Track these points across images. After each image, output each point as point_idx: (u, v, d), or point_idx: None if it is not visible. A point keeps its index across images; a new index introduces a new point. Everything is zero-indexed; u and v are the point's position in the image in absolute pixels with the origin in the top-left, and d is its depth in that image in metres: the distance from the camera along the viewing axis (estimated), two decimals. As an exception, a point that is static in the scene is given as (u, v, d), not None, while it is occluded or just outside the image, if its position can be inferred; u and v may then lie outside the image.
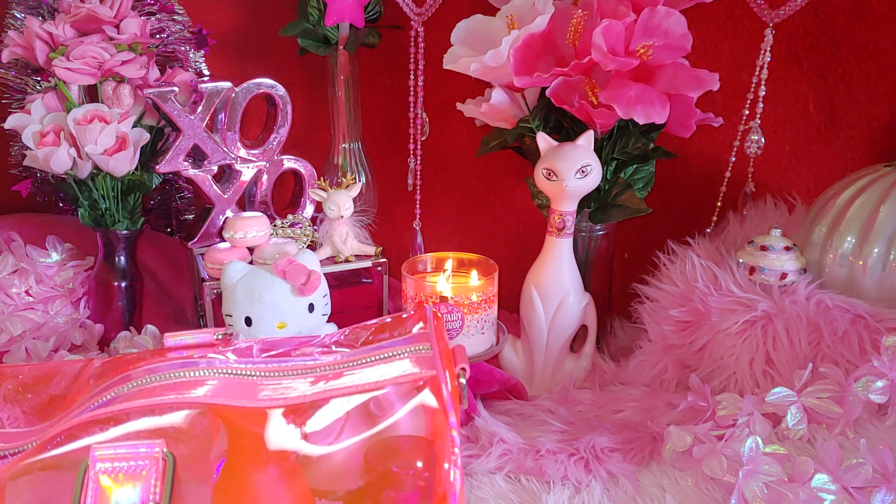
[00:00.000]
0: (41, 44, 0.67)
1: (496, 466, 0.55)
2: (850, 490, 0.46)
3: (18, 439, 0.42)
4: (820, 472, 0.47)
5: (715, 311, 0.62)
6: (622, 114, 0.61)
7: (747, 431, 0.52)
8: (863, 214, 0.61)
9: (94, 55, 0.66)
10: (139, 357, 0.47)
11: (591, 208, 0.71)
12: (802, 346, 0.58)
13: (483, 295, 0.63)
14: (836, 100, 0.73)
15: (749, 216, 0.73)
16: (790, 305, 0.59)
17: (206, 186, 0.73)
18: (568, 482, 0.54)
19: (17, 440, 0.42)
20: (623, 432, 0.58)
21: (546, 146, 0.65)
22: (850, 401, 0.52)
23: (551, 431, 0.60)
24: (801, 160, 0.76)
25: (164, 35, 0.81)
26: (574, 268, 0.69)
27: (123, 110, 0.68)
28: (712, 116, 0.68)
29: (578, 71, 0.64)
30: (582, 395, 0.67)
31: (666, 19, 0.61)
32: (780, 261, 0.62)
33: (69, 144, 0.66)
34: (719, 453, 0.51)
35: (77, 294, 0.76)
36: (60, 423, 0.41)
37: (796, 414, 0.53)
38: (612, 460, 0.55)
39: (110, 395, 0.42)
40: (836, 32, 0.71)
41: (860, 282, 0.61)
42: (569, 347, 0.71)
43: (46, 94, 0.68)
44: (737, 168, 0.75)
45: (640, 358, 0.68)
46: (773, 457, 0.49)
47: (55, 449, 0.39)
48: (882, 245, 0.60)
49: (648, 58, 0.62)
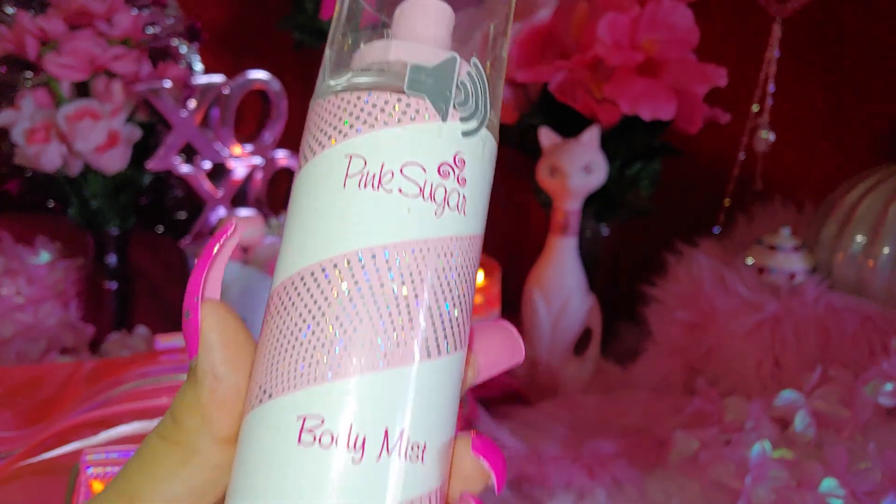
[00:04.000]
0: (32, 38, 0.66)
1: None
2: (858, 495, 0.45)
3: (8, 443, 0.42)
4: (828, 477, 0.46)
5: (722, 312, 0.61)
6: (627, 109, 0.60)
7: (755, 436, 0.51)
8: (872, 213, 0.60)
9: (85, 50, 0.65)
10: (131, 360, 0.47)
11: (595, 207, 0.70)
12: (811, 348, 0.58)
13: (484, 296, 0.62)
14: (845, 96, 0.72)
15: (757, 215, 0.72)
16: (798, 307, 0.59)
17: (198, 184, 0.72)
18: (571, 488, 0.53)
19: (6, 444, 0.42)
20: (628, 437, 0.57)
21: (549, 142, 0.64)
22: (859, 404, 0.51)
23: (554, 437, 0.59)
24: (809, 158, 0.75)
25: (156, 29, 0.80)
26: (578, 268, 0.68)
27: (115, 106, 0.67)
28: (719, 112, 0.67)
29: (582, 65, 0.62)
30: (586, 399, 0.66)
31: (672, 13, 0.60)
32: (789, 261, 0.61)
33: (59, 142, 0.65)
34: (726, 458, 0.50)
35: (68, 295, 0.74)
36: (51, 427, 0.41)
37: (805, 418, 0.52)
38: (616, 466, 0.54)
39: (101, 398, 0.42)
40: (844, 27, 0.70)
41: (869, 282, 0.60)
42: (572, 350, 0.70)
43: (37, 91, 0.67)
44: (745, 166, 0.74)
45: (645, 361, 0.68)
46: (780, 462, 0.48)
47: (45, 453, 0.39)
48: (892, 244, 0.59)
49: (654, 52, 0.61)
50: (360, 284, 0.18)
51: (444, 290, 0.18)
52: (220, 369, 0.18)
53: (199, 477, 0.18)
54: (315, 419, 0.17)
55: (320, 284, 0.18)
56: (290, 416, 0.17)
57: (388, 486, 0.17)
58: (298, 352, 0.18)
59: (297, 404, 0.17)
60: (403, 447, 0.17)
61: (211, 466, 0.18)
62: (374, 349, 0.17)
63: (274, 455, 0.17)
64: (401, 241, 0.18)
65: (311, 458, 0.17)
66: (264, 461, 0.17)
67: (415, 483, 0.18)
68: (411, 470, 0.17)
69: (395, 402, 0.17)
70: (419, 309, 0.18)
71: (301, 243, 0.18)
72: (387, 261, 0.18)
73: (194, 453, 0.18)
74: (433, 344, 0.18)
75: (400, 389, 0.18)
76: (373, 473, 0.17)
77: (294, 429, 0.17)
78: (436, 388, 0.18)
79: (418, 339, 0.18)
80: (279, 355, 0.18)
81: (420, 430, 0.18)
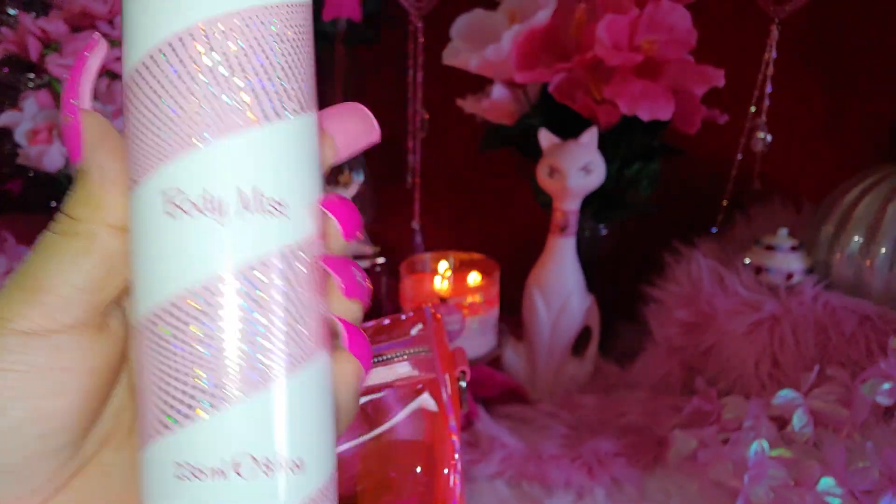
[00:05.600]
0: (34, 40, 0.66)
1: (497, 471, 0.55)
2: (856, 493, 0.46)
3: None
4: (826, 476, 0.46)
5: (721, 312, 0.61)
6: (626, 110, 0.60)
7: (753, 435, 0.52)
8: (870, 213, 0.61)
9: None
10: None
11: (594, 207, 0.70)
12: (809, 347, 0.58)
13: (484, 296, 0.62)
14: (843, 97, 0.72)
15: (755, 215, 0.72)
16: (797, 307, 0.59)
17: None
18: (570, 488, 0.53)
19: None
20: (627, 436, 0.58)
21: (548, 143, 0.65)
22: (857, 403, 0.51)
23: (553, 436, 0.59)
24: (807, 158, 0.75)
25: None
26: (577, 268, 0.68)
27: (116, 107, 0.67)
28: (718, 113, 0.68)
29: (581, 66, 0.63)
30: (585, 398, 0.66)
31: (670, 14, 0.61)
32: (787, 261, 0.61)
33: (62, 142, 0.65)
34: (725, 458, 0.50)
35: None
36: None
37: (802, 417, 0.53)
38: (615, 465, 0.54)
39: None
40: (842, 29, 0.71)
41: (867, 282, 0.60)
42: (571, 350, 0.70)
43: (39, 92, 0.67)
44: (743, 166, 0.74)
45: (644, 360, 0.68)
46: (778, 461, 0.48)
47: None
48: (889, 244, 0.60)
49: (653, 53, 0.61)
50: (189, 69, 0.19)
51: (269, 57, 0.19)
52: (106, 161, 0.20)
53: (99, 266, 0.19)
54: (173, 191, 0.19)
55: (163, 69, 0.19)
56: (154, 194, 0.19)
57: (253, 239, 0.19)
58: (147, 136, 0.19)
59: (158, 182, 0.19)
60: (262, 204, 0.19)
61: (109, 254, 0.19)
62: (216, 119, 0.19)
63: (147, 233, 0.19)
64: (224, 14, 0.19)
65: (178, 227, 0.19)
66: (141, 242, 0.19)
67: (281, 233, 0.19)
68: (274, 222, 0.19)
69: (242, 164, 0.19)
70: (247, 80, 0.19)
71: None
72: (208, 40, 0.19)
73: (93, 240, 0.19)
74: (270, 109, 0.19)
75: (246, 151, 0.19)
76: (237, 229, 0.19)
77: (159, 203, 0.19)
78: (284, 147, 0.19)
79: (254, 106, 0.19)
80: (135, 143, 0.19)
81: (278, 188, 0.19)
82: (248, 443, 0.19)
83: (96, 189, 0.19)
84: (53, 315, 0.19)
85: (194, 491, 0.18)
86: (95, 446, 0.21)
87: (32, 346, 0.18)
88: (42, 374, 0.19)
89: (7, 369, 0.18)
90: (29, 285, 0.19)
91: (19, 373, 0.18)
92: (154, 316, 0.19)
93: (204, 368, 0.19)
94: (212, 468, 0.18)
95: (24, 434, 0.19)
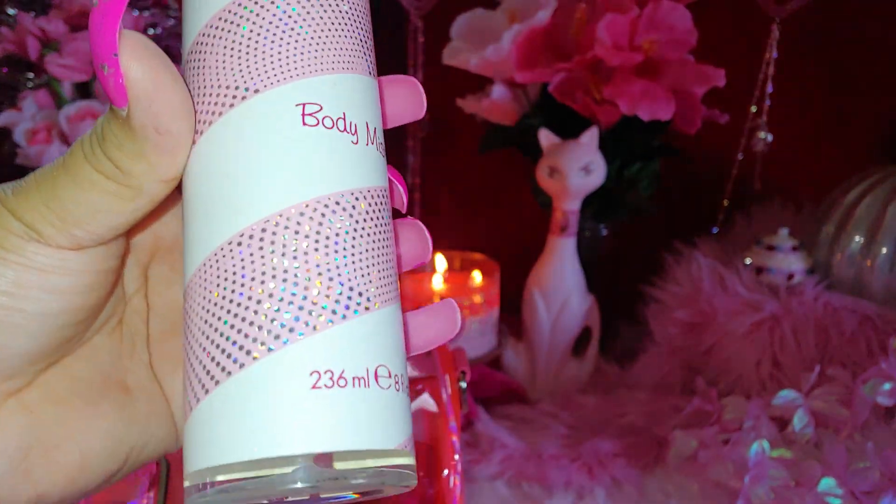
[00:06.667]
0: (33, 39, 0.66)
1: (497, 472, 0.55)
2: (857, 494, 0.46)
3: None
4: (827, 476, 0.46)
5: (721, 312, 0.61)
6: (626, 110, 0.60)
7: (753, 435, 0.51)
8: (871, 213, 0.61)
9: (86, 51, 0.65)
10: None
11: (594, 207, 0.70)
12: (810, 347, 0.58)
13: (484, 296, 0.62)
14: (844, 97, 0.72)
15: (756, 215, 0.72)
16: (797, 307, 0.59)
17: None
18: (570, 488, 0.53)
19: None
20: (627, 437, 0.57)
21: (548, 143, 0.64)
22: (858, 403, 0.51)
23: (554, 436, 0.59)
24: (808, 158, 0.75)
25: (157, 30, 0.80)
26: (577, 268, 0.68)
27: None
28: (718, 113, 0.68)
29: (581, 66, 0.63)
30: (585, 398, 0.66)
31: (671, 14, 0.61)
32: (788, 261, 0.61)
33: (61, 142, 0.65)
34: (725, 458, 0.50)
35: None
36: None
37: (803, 417, 0.52)
38: (615, 465, 0.54)
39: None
40: (842, 28, 0.70)
41: (868, 281, 0.60)
42: (571, 350, 0.70)
43: (38, 91, 0.67)
44: (743, 166, 0.74)
45: (644, 361, 0.67)
46: (779, 461, 0.48)
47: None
48: (890, 245, 0.59)
49: (653, 53, 0.61)
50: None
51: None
52: (163, 120, 0.17)
53: (142, 211, 0.19)
54: (314, 106, 0.19)
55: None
56: (288, 104, 0.19)
57: (375, 167, 0.20)
58: (291, 47, 0.19)
59: (294, 94, 0.19)
60: (377, 141, 0.20)
61: (156, 201, 0.19)
62: (356, 52, 0.20)
63: (274, 141, 0.18)
64: None
65: (316, 138, 0.19)
66: (262, 149, 0.18)
67: (384, 173, 0.21)
68: (382, 162, 0.21)
69: (370, 106, 0.20)
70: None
71: None
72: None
73: (140, 192, 0.18)
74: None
75: (373, 99, 0.21)
76: (365, 155, 0.20)
77: (296, 113, 0.19)
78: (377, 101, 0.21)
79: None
80: (267, 52, 0.19)
81: (380, 131, 0.21)
82: (383, 355, 0.19)
83: (150, 150, 0.18)
84: (81, 244, 0.18)
85: (332, 398, 0.18)
86: (91, 333, 0.21)
87: (46, 254, 0.18)
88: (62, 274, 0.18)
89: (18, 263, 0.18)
90: (58, 212, 0.18)
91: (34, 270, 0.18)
92: (294, 221, 0.18)
93: (352, 272, 0.19)
94: (354, 376, 0.18)
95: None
